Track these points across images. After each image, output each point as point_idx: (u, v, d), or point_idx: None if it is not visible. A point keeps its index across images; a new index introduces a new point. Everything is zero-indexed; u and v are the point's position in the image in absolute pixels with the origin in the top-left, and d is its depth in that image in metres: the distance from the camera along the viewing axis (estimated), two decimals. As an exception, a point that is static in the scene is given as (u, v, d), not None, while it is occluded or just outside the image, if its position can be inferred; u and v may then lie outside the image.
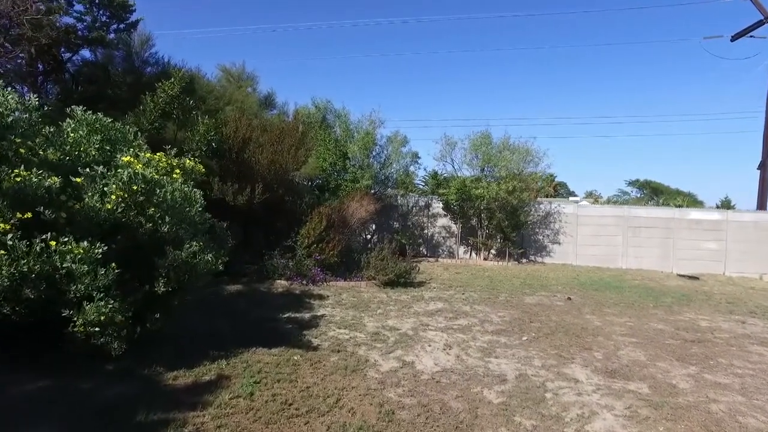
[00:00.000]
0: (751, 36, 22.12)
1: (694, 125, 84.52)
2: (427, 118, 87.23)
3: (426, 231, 18.17)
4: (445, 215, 18.02)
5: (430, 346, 6.19)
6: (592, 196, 47.36)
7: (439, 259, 16.96)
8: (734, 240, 16.93)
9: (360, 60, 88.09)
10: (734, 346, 6.85)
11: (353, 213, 12.86)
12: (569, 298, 10.29)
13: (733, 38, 22.87)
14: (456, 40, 79.58)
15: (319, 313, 7.82)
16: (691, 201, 36.57)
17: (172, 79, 9.59)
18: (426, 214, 18.17)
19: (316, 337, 6.32)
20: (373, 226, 17.10)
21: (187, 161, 6.50)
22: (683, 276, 15.69)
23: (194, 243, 4.77)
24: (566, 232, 17.73)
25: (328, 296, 9.30)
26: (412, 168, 17.80)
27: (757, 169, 21.33)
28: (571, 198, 39.38)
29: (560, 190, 46.07)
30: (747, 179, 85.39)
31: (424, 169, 29.01)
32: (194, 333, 6.02)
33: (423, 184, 20.84)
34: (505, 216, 16.59)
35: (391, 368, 5.21)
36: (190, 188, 5.57)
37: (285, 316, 7.56)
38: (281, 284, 10.10)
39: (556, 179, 38.35)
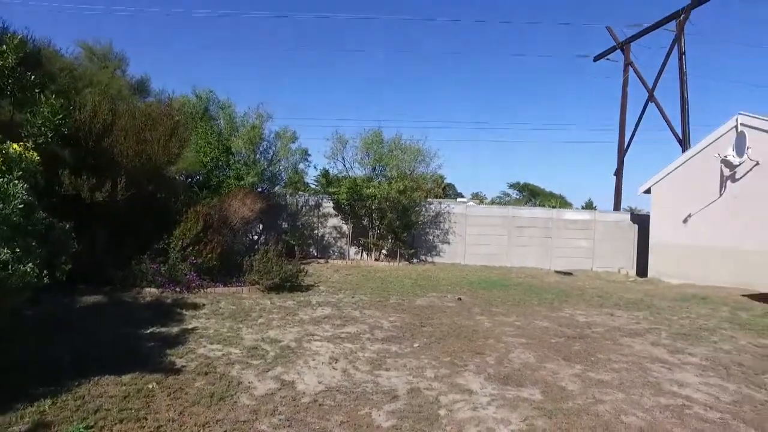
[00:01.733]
0: (607, 59, 24.75)
1: (565, 134, 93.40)
2: (319, 116, 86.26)
3: (316, 231, 17.55)
4: (336, 215, 17.56)
5: (314, 360, 5.58)
6: (478, 197, 49.92)
7: (330, 261, 16.43)
8: (600, 238, 18.49)
9: (247, 54, 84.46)
10: (609, 340, 7.14)
11: (236, 212, 11.84)
12: (460, 299, 10.27)
13: (595, 59, 25.55)
14: (347, 39, 79.61)
15: (190, 326, 6.84)
16: (563, 203, 39.99)
17: (4, 47, 7.88)
18: (316, 214, 17.56)
19: (181, 357, 5.40)
20: (261, 227, 16.16)
21: (14, 146, 5.22)
22: (560, 272, 16.75)
23: (5, 250, 3.68)
24: (456, 231, 18.13)
25: (203, 305, 8.30)
26: (301, 165, 17.12)
27: (614, 175, 23.82)
28: (458, 199, 41.01)
29: (449, 191, 47.83)
30: (606, 183, 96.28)
31: (315, 168, 28.30)
32: (19, 363, 4.79)
33: (314, 182, 20.24)
34: (397, 216, 16.52)
35: (268, 391, 4.51)
36: (10, 180, 4.40)
37: (148, 331, 6.49)
38: (150, 292, 8.87)
39: (445, 180, 39.65)
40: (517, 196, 50.65)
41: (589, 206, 39.62)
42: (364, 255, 17.55)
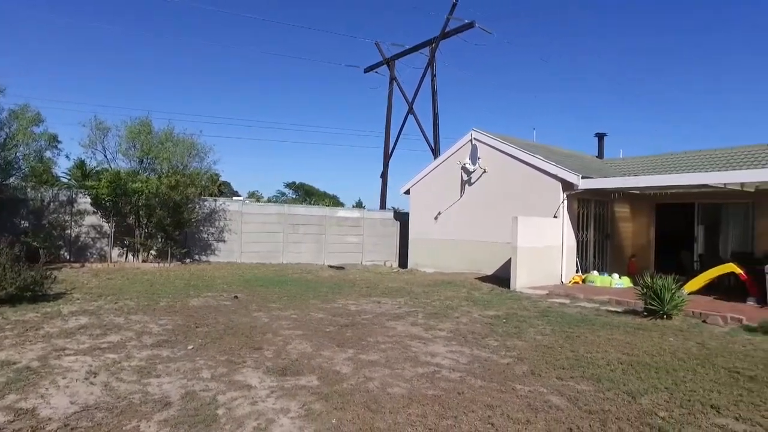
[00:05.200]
0: (376, 72, 27.18)
1: (339, 137, 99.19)
2: (76, 100, 73.49)
3: (69, 231, 15.07)
4: (95, 212, 15.38)
5: (65, 378, 4.81)
6: (255, 196, 49.28)
7: (87, 264, 14.35)
8: (368, 234, 20.28)
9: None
10: (377, 325, 7.91)
11: (-53, 208, 9.34)
12: (236, 297, 10.08)
13: (366, 71, 27.70)
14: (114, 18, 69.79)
15: None
16: (336, 202, 42.48)
17: None
18: (69, 211, 15.07)
19: None
20: (-10, 226, 13.16)
21: None
22: (333, 267, 17.79)
23: None
24: (231, 229, 17.70)
25: None
26: (49, 154, 14.55)
27: (380, 177, 26.44)
28: (235, 197, 39.82)
29: (224, 189, 46.05)
30: (375, 185, 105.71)
31: (68, 157, 24.36)
32: None
33: (66, 175, 17.34)
34: (168, 213, 15.31)
35: (-2, 425, 3.74)
36: None
37: None
38: None
39: (221, 178, 38.08)
40: (293, 196, 51.82)
41: (359, 205, 42.89)
42: (130, 256, 15.75)
